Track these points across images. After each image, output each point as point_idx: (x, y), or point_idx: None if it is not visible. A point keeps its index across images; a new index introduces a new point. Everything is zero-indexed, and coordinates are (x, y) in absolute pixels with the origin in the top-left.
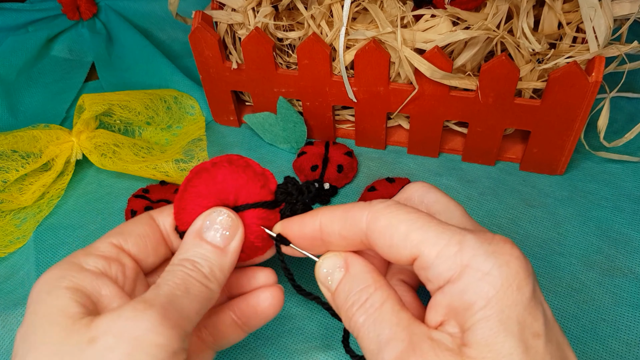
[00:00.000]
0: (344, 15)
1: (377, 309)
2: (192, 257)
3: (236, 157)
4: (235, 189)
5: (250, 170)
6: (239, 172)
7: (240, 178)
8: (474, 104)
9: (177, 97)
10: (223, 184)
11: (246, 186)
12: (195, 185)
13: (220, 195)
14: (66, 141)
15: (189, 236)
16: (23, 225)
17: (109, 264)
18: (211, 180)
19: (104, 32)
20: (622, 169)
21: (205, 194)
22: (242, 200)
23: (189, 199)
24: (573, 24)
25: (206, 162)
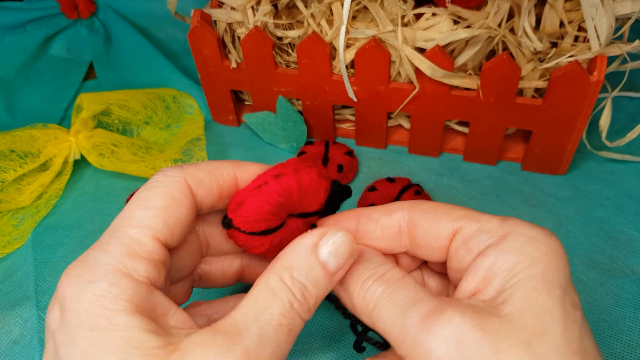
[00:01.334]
0: (344, 13)
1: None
2: (304, 279)
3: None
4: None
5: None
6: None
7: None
8: (475, 104)
9: (175, 97)
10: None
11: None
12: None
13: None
14: (64, 141)
15: (302, 248)
16: (21, 226)
17: (158, 271)
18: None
19: (103, 31)
20: (624, 168)
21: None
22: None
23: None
24: (575, 23)
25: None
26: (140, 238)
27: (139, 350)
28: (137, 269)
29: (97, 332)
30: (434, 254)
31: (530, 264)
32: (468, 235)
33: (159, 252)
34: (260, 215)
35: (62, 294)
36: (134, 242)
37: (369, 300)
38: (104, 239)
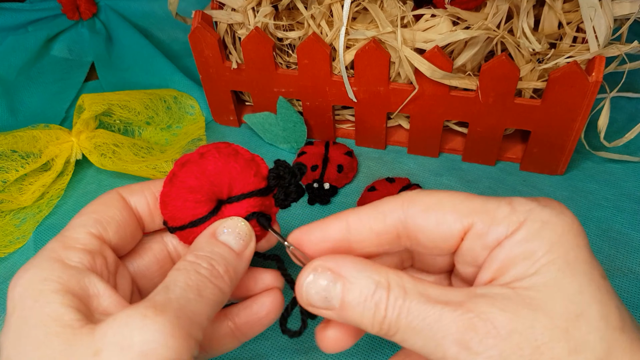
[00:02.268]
0: (344, 15)
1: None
2: (209, 254)
3: (224, 145)
4: (228, 180)
5: (241, 157)
6: (230, 161)
7: (233, 168)
8: (474, 104)
9: (176, 97)
10: (215, 176)
11: (239, 176)
12: (184, 180)
13: (213, 188)
14: (66, 141)
15: (203, 237)
16: (23, 226)
17: (93, 257)
18: (201, 172)
19: (104, 32)
20: (622, 169)
21: (197, 188)
22: (236, 191)
23: (179, 194)
24: (573, 24)
25: (191, 153)
26: (73, 235)
27: (57, 322)
28: (69, 256)
29: (25, 311)
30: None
31: (549, 249)
32: (482, 231)
33: (93, 242)
34: (179, 205)
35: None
36: (68, 238)
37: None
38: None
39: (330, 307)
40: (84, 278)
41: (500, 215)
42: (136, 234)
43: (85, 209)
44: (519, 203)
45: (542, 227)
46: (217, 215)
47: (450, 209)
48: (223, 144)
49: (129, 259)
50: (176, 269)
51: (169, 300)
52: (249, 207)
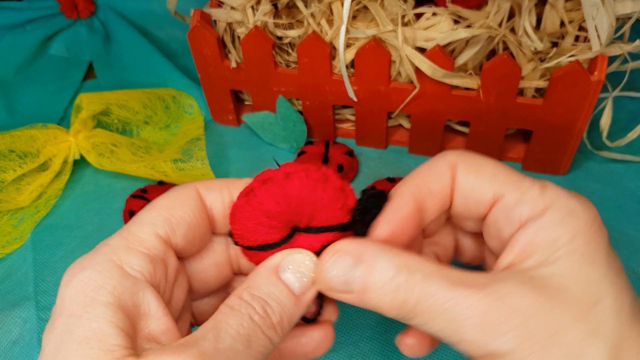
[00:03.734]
0: (344, 13)
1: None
2: (265, 296)
3: (313, 168)
4: (311, 210)
5: (330, 185)
6: (317, 188)
7: (319, 197)
8: (475, 103)
9: (175, 96)
10: (297, 203)
11: (325, 207)
12: (262, 202)
13: (293, 217)
14: (64, 141)
15: (263, 269)
16: (20, 226)
17: (154, 266)
18: (283, 196)
19: (102, 31)
20: (624, 168)
21: (274, 214)
22: (316, 222)
23: (253, 215)
24: (575, 23)
25: (276, 170)
26: (139, 234)
27: (101, 344)
28: (130, 262)
29: (72, 319)
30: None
31: (572, 237)
32: (509, 205)
33: (158, 247)
34: (251, 227)
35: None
36: (133, 237)
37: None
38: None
39: (349, 290)
40: (138, 292)
41: (530, 194)
42: (205, 238)
43: (158, 202)
44: (550, 188)
45: (567, 216)
46: (288, 243)
47: (488, 176)
48: (313, 167)
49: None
50: (230, 307)
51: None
52: (325, 241)
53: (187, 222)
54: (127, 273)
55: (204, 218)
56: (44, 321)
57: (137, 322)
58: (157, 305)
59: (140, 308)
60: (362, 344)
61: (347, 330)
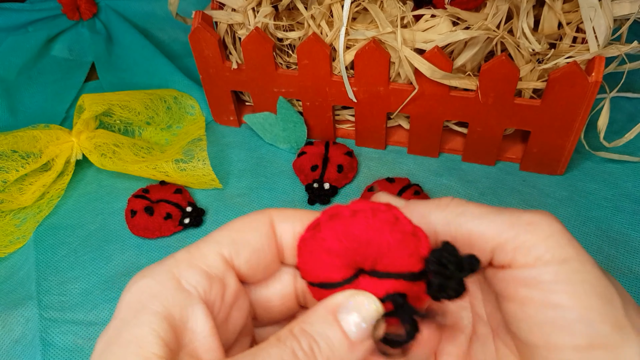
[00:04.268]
0: (344, 15)
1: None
2: (314, 334)
3: (383, 208)
4: (376, 253)
5: (399, 228)
6: (384, 230)
7: (385, 240)
8: (474, 104)
9: (177, 97)
10: (361, 243)
11: (392, 250)
12: (325, 238)
13: (356, 256)
14: (66, 141)
15: (322, 307)
16: (23, 226)
17: (211, 285)
18: (347, 234)
19: (104, 32)
20: (622, 169)
21: (336, 251)
22: (381, 266)
23: (315, 252)
24: (573, 24)
25: (344, 207)
26: (204, 250)
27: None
28: (188, 276)
29: (122, 323)
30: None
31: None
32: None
33: (218, 267)
34: (314, 262)
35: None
36: (198, 253)
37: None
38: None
39: None
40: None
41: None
42: (271, 265)
43: (231, 223)
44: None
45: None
46: (352, 284)
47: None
48: (383, 206)
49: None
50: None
51: None
52: (390, 288)
53: (253, 247)
54: (182, 287)
55: (272, 246)
56: (46, 320)
57: (182, 336)
58: (204, 323)
59: (188, 323)
60: None
61: None
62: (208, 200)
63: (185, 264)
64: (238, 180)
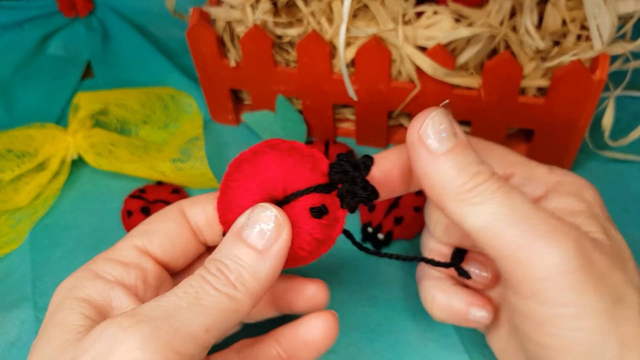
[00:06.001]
0: (344, 12)
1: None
2: (221, 257)
3: (278, 141)
4: (282, 176)
5: (296, 152)
6: (283, 156)
7: (286, 162)
8: (476, 103)
9: (174, 96)
10: (267, 172)
11: (294, 171)
12: (236, 179)
13: (266, 186)
14: (62, 140)
15: (227, 236)
16: (18, 226)
17: (127, 271)
18: (254, 170)
19: (101, 30)
20: (627, 168)
21: (251, 187)
22: (292, 189)
23: (232, 196)
24: (577, 22)
25: (245, 151)
26: (120, 246)
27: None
28: (103, 268)
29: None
30: None
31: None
32: (520, 182)
33: (132, 255)
34: (232, 210)
35: None
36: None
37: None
38: None
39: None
40: (108, 290)
41: (538, 173)
42: (189, 247)
43: (146, 220)
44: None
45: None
46: None
47: (498, 158)
48: (278, 140)
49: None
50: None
51: (153, 308)
52: (305, 206)
53: (164, 233)
54: (99, 275)
55: (184, 229)
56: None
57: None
58: (129, 300)
59: (112, 302)
60: (362, 344)
61: (348, 332)
62: None
63: (100, 260)
64: None
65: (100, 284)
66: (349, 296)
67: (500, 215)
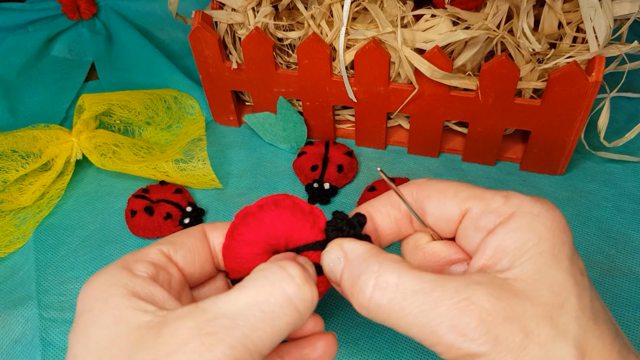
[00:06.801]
0: (344, 15)
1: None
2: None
3: (282, 197)
4: (285, 233)
5: (298, 210)
6: (287, 214)
7: (289, 220)
8: (474, 104)
9: (177, 97)
10: (272, 229)
11: (296, 228)
12: (242, 233)
13: (270, 241)
14: (66, 141)
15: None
16: (23, 225)
17: (157, 271)
18: (258, 225)
19: (104, 32)
20: (622, 169)
21: (254, 241)
22: (293, 244)
23: (238, 248)
24: (573, 24)
25: (252, 206)
26: (145, 250)
27: (128, 323)
28: (138, 267)
29: (94, 312)
30: (444, 234)
31: (538, 241)
32: (476, 216)
33: (160, 258)
34: (236, 258)
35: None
36: (140, 252)
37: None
38: None
39: (335, 279)
40: (149, 286)
41: (494, 204)
42: (206, 266)
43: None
44: (513, 196)
45: (532, 220)
46: None
47: (452, 196)
48: (281, 197)
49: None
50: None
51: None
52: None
53: (188, 246)
54: (135, 273)
55: (205, 247)
56: (46, 320)
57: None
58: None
59: (155, 297)
60: (361, 341)
61: (347, 329)
62: (208, 200)
63: (132, 259)
64: (238, 180)
65: (140, 281)
66: None
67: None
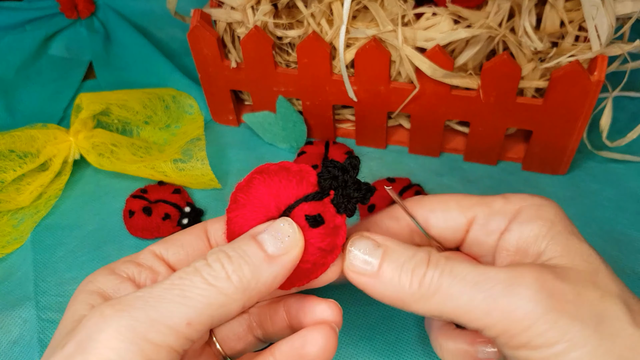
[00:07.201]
0: (344, 13)
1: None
2: (226, 248)
3: (268, 165)
4: (272, 197)
5: (283, 171)
6: (270, 177)
7: (273, 183)
8: (475, 103)
9: (175, 96)
10: (258, 198)
11: (281, 188)
12: (233, 210)
13: (261, 210)
14: (64, 141)
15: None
16: (20, 226)
17: (140, 270)
18: (246, 198)
19: (102, 31)
20: (625, 168)
21: (246, 215)
22: (284, 205)
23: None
24: (575, 23)
25: (240, 182)
26: (139, 253)
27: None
28: (119, 267)
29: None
30: (448, 244)
31: (552, 224)
32: (483, 221)
33: (147, 258)
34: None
35: None
36: (135, 255)
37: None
38: None
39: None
40: (119, 284)
41: (496, 206)
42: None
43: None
44: (511, 196)
45: (539, 209)
46: None
47: (455, 206)
48: (267, 165)
49: None
50: None
51: (135, 298)
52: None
53: (181, 243)
54: (115, 273)
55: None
56: (44, 321)
57: None
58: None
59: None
60: (362, 343)
61: (347, 330)
62: (207, 201)
63: (120, 261)
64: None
65: (113, 279)
66: (349, 294)
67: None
